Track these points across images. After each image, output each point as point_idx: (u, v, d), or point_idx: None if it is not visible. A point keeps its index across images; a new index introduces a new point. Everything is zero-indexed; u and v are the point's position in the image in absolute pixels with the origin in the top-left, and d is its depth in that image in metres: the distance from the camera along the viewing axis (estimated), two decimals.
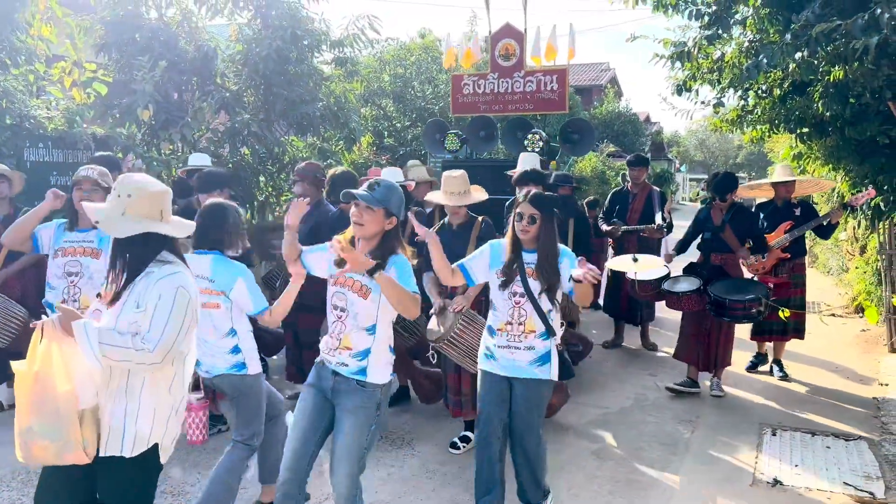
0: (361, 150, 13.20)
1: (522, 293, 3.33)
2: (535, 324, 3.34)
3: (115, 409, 2.40)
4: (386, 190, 2.84)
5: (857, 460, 4.35)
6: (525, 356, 3.36)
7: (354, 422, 2.86)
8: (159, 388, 2.45)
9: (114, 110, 8.13)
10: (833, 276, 11.22)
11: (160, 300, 2.37)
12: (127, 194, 2.42)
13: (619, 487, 4.01)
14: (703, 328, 5.46)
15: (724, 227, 5.45)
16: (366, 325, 2.88)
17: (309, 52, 9.36)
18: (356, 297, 2.86)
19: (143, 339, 2.33)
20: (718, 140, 48.27)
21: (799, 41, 4.76)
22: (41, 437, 2.31)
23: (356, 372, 2.88)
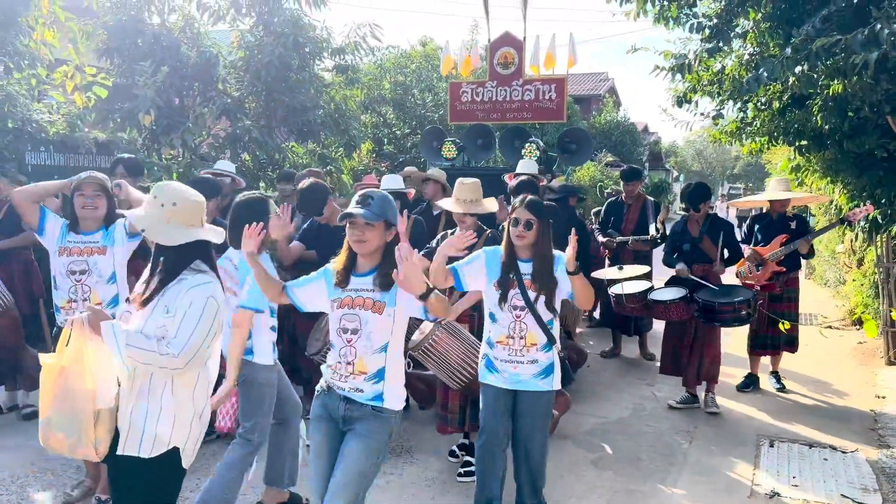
0: (361, 157, 13.25)
1: (523, 306, 3.30)
2: (537, 336, 3.33)
3: (136, 409, 2.44)
4: (381, 202, 2.72)
5: (855, 472, 4.36)
6: (528, 369, 3.34)
7: (363, 447, 2.70)
8: (181, 392, 2.49)
9: (115, 115, 8.16)
10: (830, 289, 11.25)
11: (190, 307, 2.42)
12: (172, 203, 2.48)
13: (618, 497, 4.02)
14: (684, 342, 5.46)
15: (702, 237, 5.46)
16: (379, 344, 2.73)
17: (310, 59, 9.41)
18: (370, 315, 2.71)
19: (169, 343, 2.38)
20: (716, 151, 48.46)
21: (799, 55, 4.79)
22: (57, 430, 2.39)
23: (372, 398, 2.72)
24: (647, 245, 6.75)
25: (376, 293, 2.72)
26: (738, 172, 49.54)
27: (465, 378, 3.86)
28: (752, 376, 6.15)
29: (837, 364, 7.07)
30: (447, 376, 3.93)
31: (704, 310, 5.20)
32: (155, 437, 2.44)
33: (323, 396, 2.84)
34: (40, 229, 3.74)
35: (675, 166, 45.47)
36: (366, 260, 2.79)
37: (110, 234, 3.74)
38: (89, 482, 3.81)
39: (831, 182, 7.46)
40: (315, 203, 4.65)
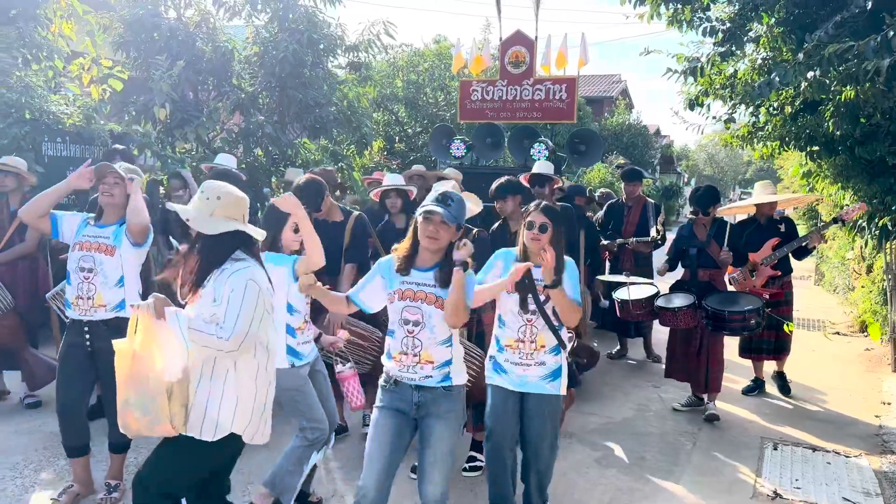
0: (372, 155, 13.31)
1: (535, 311, 3.34)
2: (546, 339, 3.37)
3: (200, 389, 2.59)
4: (459, 205, 2.88)
5: (857, 477, 4.38)
6: (537, 371, 3.38)
7: (446, 426, 2.89)
8: (243, 378, 2.63)
9: (130, 108, 8.25)
10: (839, 295, 11.23)
11: (232, 293, 2.57)
12: (216, 197, 2.66)
13: (621, 495, 4.06)
14: (690, 348, 5.41)
15: (709, 242, 5.39)
16: (443, 337, 2.89)
17: (324, 56, 9.46)
18: (434, 310, 2.86)
19: (220, 328, 2.53)
20: (728, 155, 48.25)
21: (811, 61, 4.80)
22: (135, 409, 2.55)
23: (442, 380, 2.90)
24: (648, 247, 6.76)
25: (437, 289, 2.86)
26: (751, 178, 49.33)
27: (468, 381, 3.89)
28: (757, 380, 6.16)
29: (844, 370, 7.07)
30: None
31: (714, 318, 5.11)
32: (217, 421, 2.58)
33: (391, 390, 2.95)
34: (56, 234, 3.76)
35: (686, 170, 45.36)
36: (429, 256, 2.91)
37: (121, 232, 3.72)
38: (77, 487, 3.77)
39: (842, 188, 7.45)
40: (312, 199, 4.62)
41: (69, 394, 3.64)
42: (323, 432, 3.57)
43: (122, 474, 3.81)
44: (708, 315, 5.14)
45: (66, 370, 3.64)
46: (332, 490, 3.99)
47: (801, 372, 6.67)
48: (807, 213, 12.47)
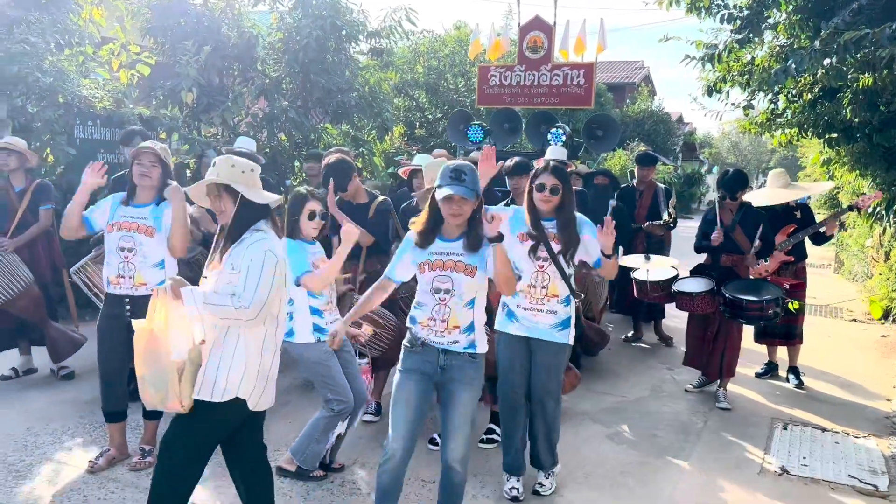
0: (393, 140, 13.44)
1: (546, 257, 3.50)
2: (559, 288, 3.52)
3: (211, 359, 2.76)
4: (472, 175, 2.96)
5: (865, 456, 4.48)
6: (547, 319, 3.54)
7: (470, 392, 3.05)
8: (252, 346, 2.79)
9: (157, 92, 8.45)
10: (857, 283, 11.22)
11: (251, 262, 2.72)
12: (241, 171, 2.83)
13: (631, 469, 4.20)
14: (708, 333, 5.40)
15: (734, 227, 5.31)
16: (468, 299, 3.03)
17: (346, 42, 9.58)
18: (463, 277, 2.99)
19: (240, 297, 2.67)
20: (751, 143, 47.74)
21: (828, 48, 4.86)
22: (150, 386, 2.73)
23: (467, 346, 3.05)
24: (661, 230, 6.83)
25: (466, 257, 3.00)
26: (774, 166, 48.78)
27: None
28: (770, 364, 6.24)
29: (858, 356, 7.12)
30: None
31: (731, 305, 5.08)
32: (226, 384, 2.75)
33: (418, 353, 3.08)
34: (91, 230, 3.91)
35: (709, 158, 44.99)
36: (453, 226, 3.04)
37: (160, 213, 3.83)
38: (114, 451, 3.95)
39: (860, 175, 7.49)
40: (340, 178, 4.72)
41: (111, 364, 3.84)
42: (347, 405, 3.74)
43: (155, 440, 4.01)
44: (725, 302, 5.11)
45: (109, 342, 3.81)
46: (354, 458, 4.16)
47: (816, 357, 6.74)
48: (827, 202, 12.42)
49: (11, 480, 3.70)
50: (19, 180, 5.23)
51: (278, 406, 4.96)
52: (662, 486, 4.00)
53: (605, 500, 3.79)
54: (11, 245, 5.00)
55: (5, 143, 5.16)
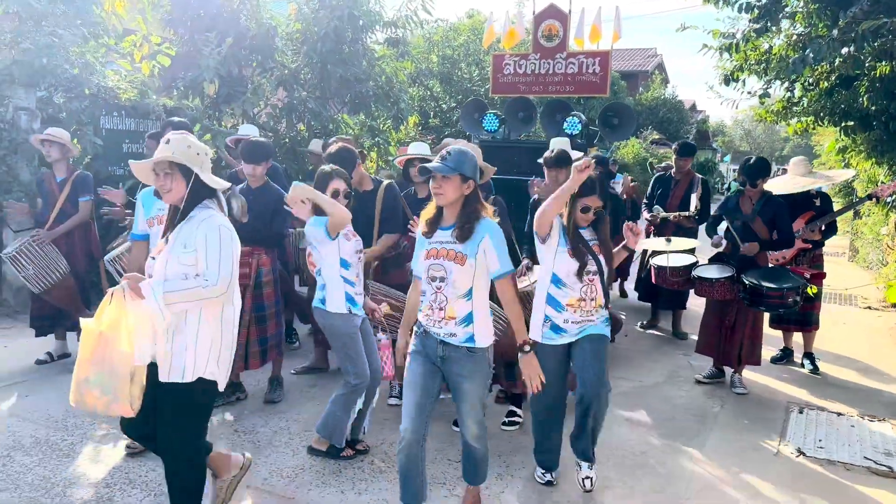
0: (408, 130, 13.54)
1: (596, 272, 3.53)
2: (602, 298, 3.59)
3: (176, 344, 2.81)
4: (457, 155, 2.96)
5: (880, 439, 4.57)
6: (595, 321, 3.62)
7: (472, 385, 3.09)
8: (212, 323, 2.86)
9: (178, 83, 8.58)
10: (872, 271, 11.24)
11: (208, 239, 2.76)
12: (195, 153, 2.84)
13: (651, 450, 4.31)
14: (726, 321, 5.39)
15: (754, 216, 5.28)
16: (464, 290, 3.03)
17: (363, 33, 9.67)
18: (454, 266, 3.01)
19: (205, 276, 2.73)
20: (765, 131, 47.51)
21: (846, 37, 4.92)
22: (95, 388, 2.70)
23: (465, 340, 3.06)
24: (689, 221, 6.74)
25: (457, 245, 3.02)
26: (788, 154, 48.47)
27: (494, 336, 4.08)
28: (786, 349, 6.31)
29: (873, 343, 7.18)
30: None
31: (751, 293, 5.08)
32: (194, 364, 2.83)
33: (422, 337, 3.16)
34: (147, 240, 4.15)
35: (722, 146, 44.76)
36: (449, 213, 3.08)
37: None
38: None
39: (876, 163, 7.53)
40: (344, 166, 4.59)
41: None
42: (364, 380, 3.87)
43: None
44: (745, 289, 5.12)
45: None
46: (382, 438, 4.30)
47: (831, 343, 6.81)
48: (842, 190, 12.43)
49: (56, 459, 3.85)
50: (61, 171, 5.36)
51: (306, 388, 5.15)
52: (682, 466, 4.11)
53: (628, 480, 3.91)
54: (48, 237, 5.15)
55: (48, 135, 5.29)
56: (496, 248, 3.01)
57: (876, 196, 5.74)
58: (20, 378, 5.15)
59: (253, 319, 4.65)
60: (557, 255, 3.55)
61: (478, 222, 3.02)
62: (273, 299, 4.79)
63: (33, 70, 6.57)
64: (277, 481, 3.71)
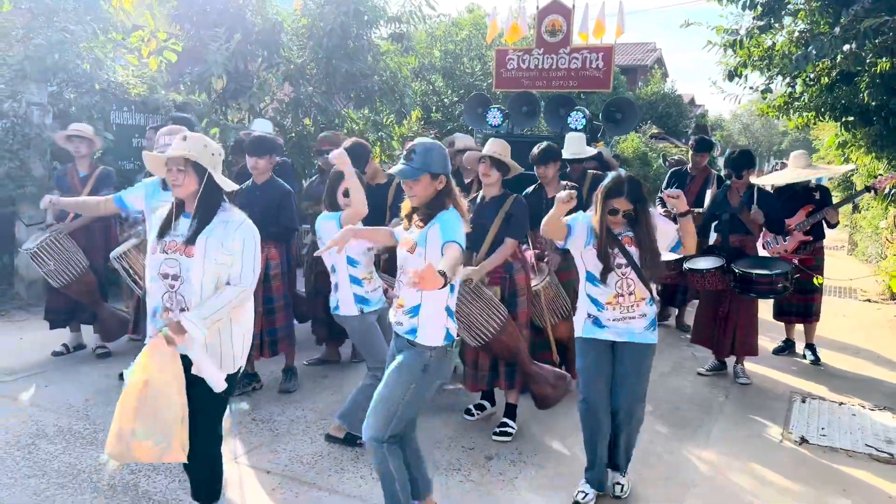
0: (411, 124, 13.62)
1: (626, 264, 3.36)
2: (642, 290, 3.40)
3: (212, 344, 2.89)
4: (423, 154, 2.88)
5: (881, 427, 4.69)
6: (640, 323, 3.41)
7: (396, 375, 2.97)
8: (241, 319, 2.99)
9: (185, 78, 8.65)
10: (871, 264, 11.36)
11: (245, 244, 2.88)
12: (211, 153, 2.88)
13: (657, 437, 4.43)
14: (720, 311, 5.48)
15: (741, 208, 5.39)
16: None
17: (368, 28, 9.74)
18: (407, 253, 2.97)
19: (240, 279, 2.87)
20: (763, 126, 47.57)
21: (847, 34, 5.01)
22: (146, 440, 2.67)
23: (408, 331, 2.98)
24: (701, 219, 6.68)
25: (413, 234, 2.98)
26: (786, 148, 48.59)
27: (486, 336, 4.01)
28: (788, 341, 6.43)
29: (873, 334, 7.30)
30: (468, 334, 4.05)
31: (741, 280, 5.19)
32: (232, 356, 2.97)
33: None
34: (125, 208, 4.17)
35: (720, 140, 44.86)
36: (422, 209, 3.01)
37: None
38: None
39: (876, 158, 7.64)
40: (357, 161, 4.70)
41: None
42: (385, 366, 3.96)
43: None
44: (736, 278, 5.22)
45: None
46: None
47: (832, 335, 6.93)
48: (841, 184, 12.54)
49: (80, 447, 3.95)
50: (84, 166, 5.42)
51: (319, 378, 5.26)
52: (689, 453, 4.23)
53: (638, 466, 4.00)
54: (67, 228, 5.22)
55: (76, 131, 5.34)
56: (441, 228, 2.86)
57: (874, 188, 5.84)
58: (38, 369, 5.25)
59: (262, 311, 4.76)
60: (585, 253, 3.45)
61: (439, 212, 2.93)
62: (281, 292, 4.88)
63: (45, 66, 6.64)
64: (297, 467, 3.81)
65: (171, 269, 2.86)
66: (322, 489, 3.59)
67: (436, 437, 4.27)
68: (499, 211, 4.19)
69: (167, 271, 2.86)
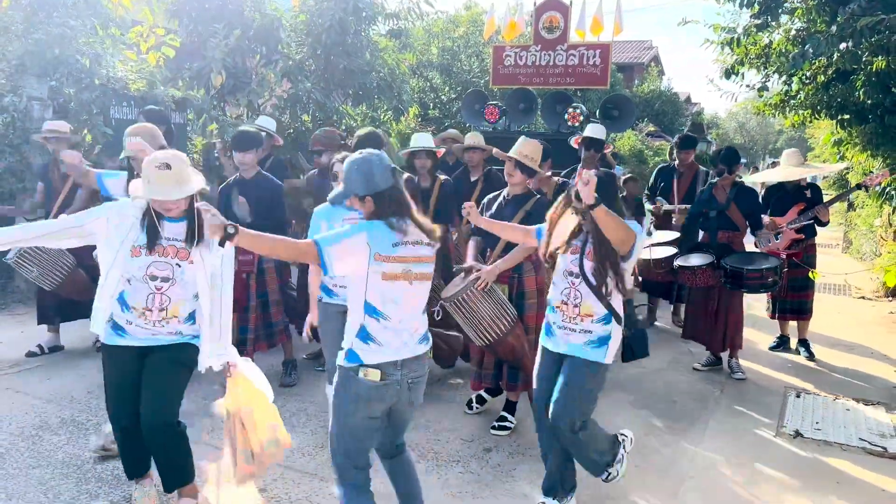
0: (408, 121, 13.65)
1: (577, 274, 3.17)
2: (594, 308, 3.17)
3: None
4: (345, 183, 2.71)
5: (874, 422, 4.75)
6: (580, 338, 3.22)
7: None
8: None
9: (184, 74, 8.66)
10: (866, 262, 11.44)
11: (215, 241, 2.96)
12: (189, 167, 2.99)
13: (654, 430, 4.48)
14: (709, 308, 5.55)
15: (729, 205, 5.52)
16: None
17: (366, 24, 9.76)
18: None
19: (222, 276, 3.15)
20: (759, 124, 47.69)
21: (844, 32, 5.06)
22: (273, 447, 3.16)
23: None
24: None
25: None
26: (781, 146, 48.74)
27: (492, 337, 3.99)
28: (782, 337, 6.49)
29: (867, 331, 7.37)
30: (474, 333, 4.02)
31: (732, 276, 5.29)
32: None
33: None
34: (104, 192, 4.26)
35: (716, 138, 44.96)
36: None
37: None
38: None
39: (871, 156, 7.68)
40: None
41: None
42: None
43: None
44: (727, 273, 5.32)
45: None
46: None
47: (827, 331, 6.99)
48: (836, 182, 12.62)
49: (83, 438, 3.99)
50: None
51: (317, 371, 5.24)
52: (685, 447, 4.28)
53: (634, 458, 4.02)
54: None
55: (51, 131, 5.26)
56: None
57: (865, 185, 5.90)
58: (40, 362, 5.28)
59: (258, 304, 4.82)
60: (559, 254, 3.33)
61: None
62: (276, 285, 4.96)
63: (45, 60, 6.66)
64: (299, 458, 3.86)
65: (161, 271, 2.97)
66: (323, 479, 3.63)
67: (435, 428, 4.32)
68: (519, 210, 4.07)
69: (157, 273, 2.97)
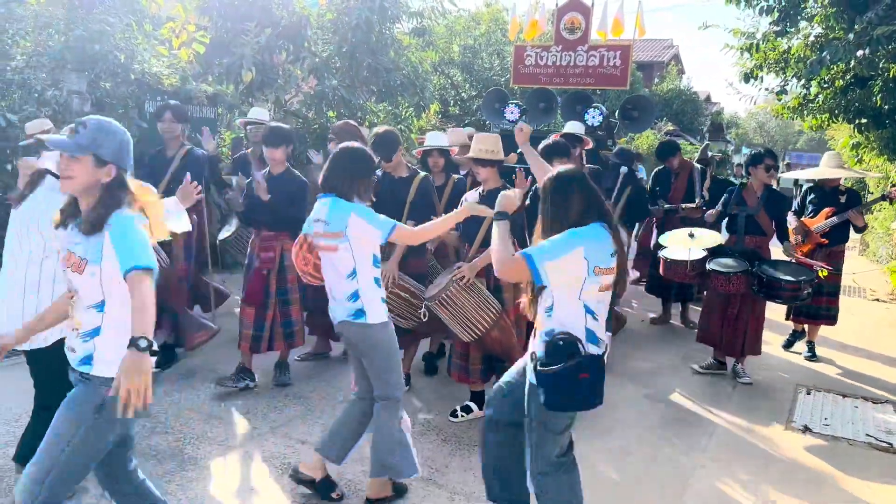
0: (429, 118, 13.83)
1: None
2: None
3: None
4: (94, 132, 2.28)
5: (882, 419, 4.90)
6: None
7: (64, 413, 2.34)
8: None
9: (214, 69, 8.90)
10: (882, 265, 11.50)
11: None
12: None
13: (667, 423, 4.66)
14: (728, 313, 5.42)
15: (759, 209, 5.38)
16: (94, 301, 2.33)
17: (391, 23, 9.96)
18: (75, 275, 2.33)
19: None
20: (779, 125, 47.37)
21: (861, 40, 5.20)
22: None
23: (82, 360, 2.34)
24: (697, 212, 6.70)
25: (80, 249, 2.30)
26: (801, 147, 48.41)
27: (479, 331, 4.05)
28: (795, 333, 6.59)
29: (880, 333, 7.48)
30: (461, 329, 4.05)
31: (768, 285, 5.12)
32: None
33: None
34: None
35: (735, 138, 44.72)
36: (84, 201, 2.34)
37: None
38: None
39: (888, 160, 7.81)
40: (387, 150, 4.71)
41: None
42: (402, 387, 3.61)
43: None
44: (761, 282, 5.15)
45: None
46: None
47: (839, 332, 7.09)
48: (855, 186, 12.67)
49: None
50: None
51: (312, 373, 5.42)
52: (699, 437, 4.46)
53: (650, 449, 4.25)
54: None
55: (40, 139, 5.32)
56: (115, 246, 2.21)
57: (890, 198, 5.98)
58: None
59: (278, 302, 4.83)
60: None
61: (112, 216, 2.27)
62: (297, 283, 4.83)
63: (85, 55, 6.90)
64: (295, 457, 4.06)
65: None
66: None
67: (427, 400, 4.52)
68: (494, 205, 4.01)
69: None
